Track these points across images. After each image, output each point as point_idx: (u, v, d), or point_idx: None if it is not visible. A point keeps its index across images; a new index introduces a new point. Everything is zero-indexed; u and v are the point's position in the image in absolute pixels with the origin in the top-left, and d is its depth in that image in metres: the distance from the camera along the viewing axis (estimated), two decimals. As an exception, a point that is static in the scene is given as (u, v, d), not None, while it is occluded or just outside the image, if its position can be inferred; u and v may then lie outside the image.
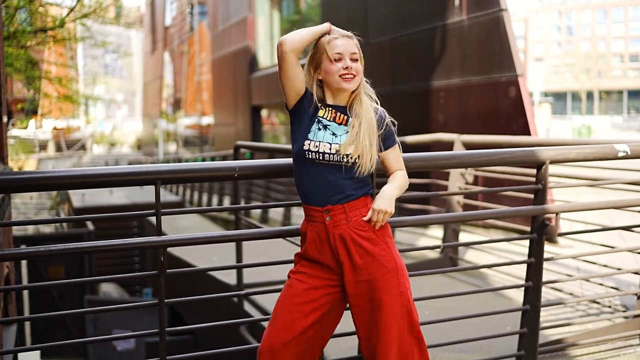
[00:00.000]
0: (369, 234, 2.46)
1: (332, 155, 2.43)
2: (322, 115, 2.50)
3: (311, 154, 2.45)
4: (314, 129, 2.47)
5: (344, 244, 2.44)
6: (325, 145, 2.44)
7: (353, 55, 2.48)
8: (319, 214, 2.47)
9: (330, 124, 2.49)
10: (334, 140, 2.45)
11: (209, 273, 6.18)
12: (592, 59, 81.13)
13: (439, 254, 6.42)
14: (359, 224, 2.46)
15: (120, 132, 66.02)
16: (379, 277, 2.44)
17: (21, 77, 19.42)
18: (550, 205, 3.58)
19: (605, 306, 4.86)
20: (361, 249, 2.44)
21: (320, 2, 16.26)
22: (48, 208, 24.49)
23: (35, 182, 2.72)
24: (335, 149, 2.43)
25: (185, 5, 39.42)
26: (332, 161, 2.43)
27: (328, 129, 2.47)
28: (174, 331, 3.11)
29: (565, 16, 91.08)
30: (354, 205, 2.46)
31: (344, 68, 2.46)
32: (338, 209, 2.45)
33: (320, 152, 2.44)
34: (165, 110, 46.49)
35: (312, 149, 2.45)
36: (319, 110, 2.52)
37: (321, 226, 2.47)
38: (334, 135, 2.46)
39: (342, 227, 2.45)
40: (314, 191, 2.47)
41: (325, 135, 2.46)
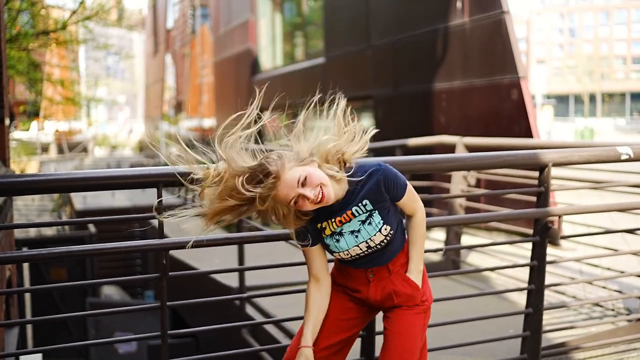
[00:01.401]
0: (410, 281, 2.45)
1: (365, 252, 2.37)
2: (329, 231, 2.35)
3: (346, 260, 2.40)
4: (332, 243, 2.37)
5: (384, 295, 2.45)
6: (354, 249, 2.35)
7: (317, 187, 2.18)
8: (361, 275, 2.44)
9: (342, 228, 2.34)
10: (357, 240, 2.34)
11: (210, 276, 6.17)
12: (595, 61, 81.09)
13: (441, 257, 6.41)
14: (400, 274, 2.45)
15: (133, 135, 65.96)
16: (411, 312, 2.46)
17: (23, 80, 19.44)
18: (552, 207, 3.57)
19: (609, 309, 4.85)
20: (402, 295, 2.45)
21: (322, 4, 16.26)
22: (50, 210, 24.50)
23: (37, 184, 2.72)
24: (364, 247, 2.35)
25: (187, 7, 39.47)
26: (368, 252, 2.37)
27: (344, 234, 2.34)
28: (176, 334, 3.11)
29: (567, 18, 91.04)
30: (396, 259, 2.44)
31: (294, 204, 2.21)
32: (382, 269, 2.43)
33: (353, 256, 2.37)
34: (167, 113, 46.53)
35: (345, 257, 2.38)
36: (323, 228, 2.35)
37: (363, 282, 2.44)
38: (354, 235, 2.34)
39: (385, 281, 2.43)
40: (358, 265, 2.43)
41: (347, 241, 2.35)
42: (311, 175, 2.17)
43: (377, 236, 2.33)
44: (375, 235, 2.33)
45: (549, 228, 3.50)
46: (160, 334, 2.90)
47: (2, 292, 3.51)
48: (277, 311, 4.82)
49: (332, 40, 14.95)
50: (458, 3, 9.69)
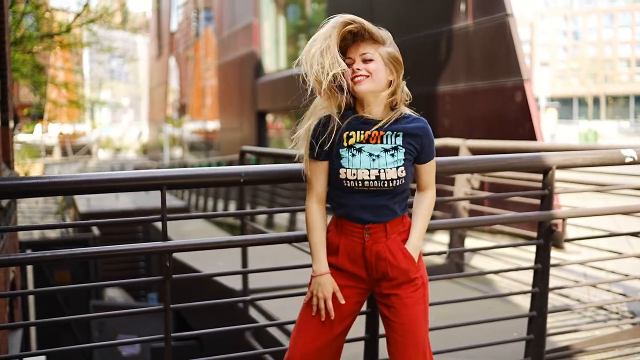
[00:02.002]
0: (406, 252, 2.43)
1: (372, 182, 2.33)
2: (353, 141, 2.35)
3: (349, 182, 2.35)
4: (347, 156, 2.35)
5: (380, 260, 2.41)
6: (363, 172, 2.32)
7: (363, 55, 2.35)
8: (357, 230, 2.40)
9: (364, 146, 2.35)
10: (371, 165, 2.32)
11: (214, 278, 6.17)
12: (599, 64, 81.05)
13: (444, 260, 6.40)
14: (396, 241, 2.42)
15: (143, 137, 66.08)
16: (410, 293, 2.43)
17: (28, 83, 19.51)
18: (556, 210, 3.56)
19: (613, 312, 4.84)
20: (396, 264, 2.41)
21: (326, 7, 16.29)
22: (54, 213, 24.55)
23: (41, 187, 2.72)
24: (374, 175, 2.32)
25: (191, 10, 39.56)
26: (372, 187, 2.34)
27: (363, 152, 2.34)
28: (180, 336, 3.11)
29: (571, 21, 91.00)
30: (394, 222, 2.41)
31: (354, 70, 2.33)
32: (379, 227, 2.39)
33: (359, 180, 2.33)
34: (171, 115, 46.61)
35: (350, 178, 2.34)
36: (350, 135, 2.36)
37: (358, 241, 2.40)
38: (371, 157, 2.33)
39: (381, 245, 2.40)
40: (355, 212, 2.39)
41: (361, 161, 2.33)
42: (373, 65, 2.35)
43: (391, 171, 2.32)
44: (390, 170, 2.32)
45: (552, 231, 3.49)
46: (164, 336, 2.90)
47: (6, 295, 3.52)
48: (281, 314, 4.82)
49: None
50: (462, 6, 9.70)
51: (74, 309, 10.48)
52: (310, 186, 2.45)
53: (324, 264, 2.43)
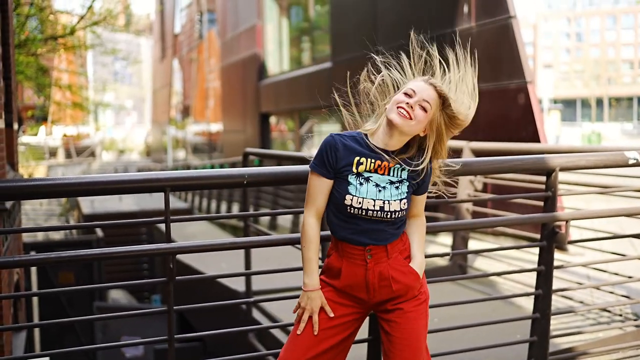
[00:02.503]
0: (407, 268, 2.44)
1: (375, 212, 2.35)
2: (363, 168, 2.36)
3: (353, 210, 2.36)
4: (355, 183, 2.35)
5: (383, 280, 2.41)
6: (369, 201, 2.34)
7: (424, 102, 2.34)
8: (359, 252, 2.40)
9: (372, 175, 2.36)
10: (377, 195, 2.34)
11: (217, 280, 6.18)
12: (602, 66, 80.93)
13: (448, 262, 6.39)
14: (398, 260, 2.43)
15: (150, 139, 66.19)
16: (413, 308, 2.44)
17: (31, 85, 19.57)
18: (560, 212, 3.56)
19: (616, 314, 4.83)
20: (398, 283, 2.42)
21: (329, 9, 16.30)
22: (58, 215, 24.61)
23: (45, 189, 2.73)
24: (379, 206, 2.34)
25: (195, 12, 39.61)
26: (375, 217, 2.36)
27: (370, 181, 2.36)
28: (183, 338, 3.11)
29: (574, 22, 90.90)
30: (394, 242, 2.43)
31: (406, 103, 2.32)
32: (380, 249, 2.40)
33: (363, 209, 2.34)
34: (175, 117, 46.66)
35: (355, 205, 2.35)
36: (360, 162, 2.37)
37: (360, 264, 2.40)
38: (377, 188, 2.35)
39: (383, 265, 2.40)
40: (355, 236, 2.40)
41: (368, 190, 2.35)
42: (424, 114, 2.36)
43: (395, 203, 2.35)
44: (394, 202, 2.35)
45: (556, 233, 3.49)
46: (167, 338, 2.91)
47: (10, 296, 3.53)
48: (284, 316, 4.82)
49: (339, 45, 14.97)
50: (465, 8, 9.70)
51: (78, 310, 10.50)
52: (311, 200, 2.44)
53: (315, 279, 2.45)
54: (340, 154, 2.37)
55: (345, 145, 2.38)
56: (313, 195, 2.43)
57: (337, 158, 2.37)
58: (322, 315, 2.45)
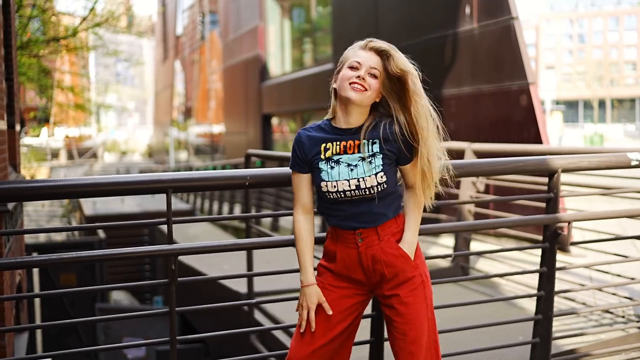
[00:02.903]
0: (397, 250, 2.42)
1: (352, 192, 2.34)
2: (330, 153, 2.38)
3: (331, 195, 2.37)
4: (326, 169, 2.37)
5: (376, 263, 2.41)
6: (342, 183, 2.34)
7: (372, 69, 2.34)
8: (350, 236, 2.41)
9: (342, 157, 2.36)
10: (350, 175, 2.34)
11: (219, 281, 6.18)
12: (604, 67, 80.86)
13: (450, 263, 6.39)
14: (390, 242, 2.42)
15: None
16: (410, 291, 2.44)
17: (34, 86, 19.60)
18: (562, 214, 3.56)
19: (619, 316, 4.82)
20: (393, 267, 2.42)
21: (331, 11, 16.30)
22: (60, 216, 24.62)
23: (48, 190, 2.73)
24: (354, 184, 2.33)
25: (197, 14, 39.66)
26: (355, 196, 2.35)
27: (341, 163, 2.36)
28: (185, 339, 3.11)
29: (576, 24, 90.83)
30: (385, 225, 2.41)
31: (356, 77, 2.32)
32: (370, 231, 2.40)
33: (340, 191, 2.35)
34: (177, 119, 46.69)
35: (331, 190, 2.36)
36: (327, 147, 2.39)
37: (353, 247, 2.42)
38: (349, 167, 2.35)
39: (375, 248, 2.40)
40: (344, 221, 2.41)
41: (340, 172, 2.35)
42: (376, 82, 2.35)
43: (370, 178, 2.33)
44: (369, 177, 2.33)
45: (558, 234, 3.49)
46: (169, 339, 2.91)
47: (12, 297, 3.53)
48: (286, 317, 4.82)
49: (341, 47, 14.93)
50: (467, 9, 9.70)
51: (80, 311, 10.50)
52: (295, 197, 2.49)
53: (310, 274, 2.46)
54: (306, 146, 2.41)
55: (309, 136, 2.42)
56: (296, 192, 2.48)
57: (304, 151, 2.41)
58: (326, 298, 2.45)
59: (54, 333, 10.29)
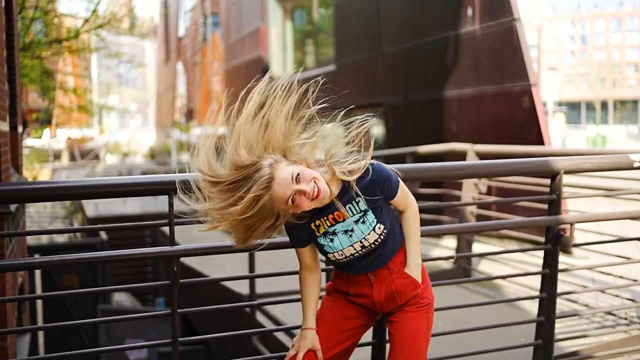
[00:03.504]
0: (410, 278, 2.44)
1: (359, 252, 2.35)
2: (323, 229, 2.34)
3: (341, 260, 2.38)
4: (326, 243, 2.36)
5: (388, 295, 2.43)
6: (349, 249, 2.34)
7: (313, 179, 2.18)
8: (363, 278, 2.43)
9: (336, 227, 2.33)
10: (351, 240, 2.33)
11: (221, 283, 6.18)
12: (607, 68, 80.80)
13: (452, 265, 6.39)
14: (400, 272, 2.44)
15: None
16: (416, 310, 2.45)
17: (36, 88, 19.62)
18: (564, 215, 3.55)
19: (621, 318, 4.81)
20: (404, 294, 2.44)
21: (333, 12, 16.31)
22: (62, 217, 24.63)
23: (50, 192, 2.73)
24: (358, 247, 2.34)
25: (199, 15, 39.70)
26: (362, 253, 2.36)
27: (337, 234, 2.34)
28: (187, 341, 3.11)
29: (578, 25, 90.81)
30: (395, 259, 2.43)
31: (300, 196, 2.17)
32: (383, 270, 2.42)
33: (347, 256, 2.36)
34: (179, 120, 46.72)
35: (339, 258, 2.37)
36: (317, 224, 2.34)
37: (366, 284, 2.44)
38: (347, 234, 2.34)
39: (387, 281, 2.43)
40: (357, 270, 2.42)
41: (342, 241, 2.34)
42: (304, 171, 2.18)
43: (371, 235, 2.32)
44: (370, 235, 2.32)
45: (560, 236, 3.48)
46: (171, 341, 2.91)
47: (15, 299, 3.53)
48: (288, 319, 4.82)
49: (343, 48, 14.98)
50: (469, 10, 9.69)
51: (82, 313, 10.51)
52: (299, 259, 2.50)
53: (311, 320, 2.47)
54: (297, 233, 2.38)
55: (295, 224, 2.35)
56: (298, 257, 2.49)
57: (298, 236, 2.40)
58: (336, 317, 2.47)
59: (56, 334, 10.31)
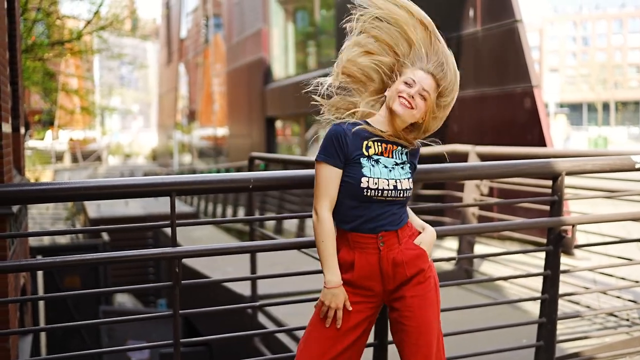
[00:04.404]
0: (418, 250, 2.47)
1: (390, 191, 2.40)
2: (372, 152, 2.43)
3: (370, 192, 2.39)
4: (368, 165, 2.41)
5: (397, 266, 2.43)
6: (383, 181, 2.39)
7: (423, 92, 2.41)
8: (371, 241, 2.43)
9: (380, 158, 2.43)
10: (389, 175, 2.41)
11: (223, 284, 6.18)
12: (608, 70, 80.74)
13: (454, 266, 6.38)
14: (409, 245, 2.46)
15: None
16: (424, 293, 2.46)
17: (38, 89, 19.62)
18: (566, 217, 3.55)
19: (623, 319, 4.81)
20: (414, 265, 2.45)
21: (334, 14, 16.32)
22: (64, 219, 24.65)
23: (52, 193, 2.74)
24: (392, 185, 2.40)
25: (201, 17, 39.74)
26: (389, 197, 2.40)
27: (380, 163, 2.42)
28: (189, 342, 3.11)
29: (580, 26, 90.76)
30: (404, 228, 2.47)
31: (407, 93, 2.40)
32: (391, 235, 2.43)
33: (380, 189, 2.39)
34: (181, 122, 46.76)
35: (372, 187, 2.38)
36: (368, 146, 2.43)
37: (373, 252, 2.43)
38: (387, 169, 2.42)
39: (395, 251, 2.43)
40: (369, 222, 2.42)
41: (381, 171, 2.41)
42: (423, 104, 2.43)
43: (405, 181, 2.43)
44: (404, 180, 2.43)
45: (562, 237, 3.48)
46: (173, 342, 2.91)
47: (17, 300, 3.54)
48: (290, 320, 4.82)
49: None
50: (470, 12, 9.70)
51: (84, 314, 10.52)
52: (324, 193, 2.43)
53: (337, 274, 2.43)
54: (350, 140, 2.41)
55: (352, 132, 2.43)
56: (325, 187, 2.44)
57: (347, 144, 2.41)
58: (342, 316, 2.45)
59: (58, 335, 10.31)
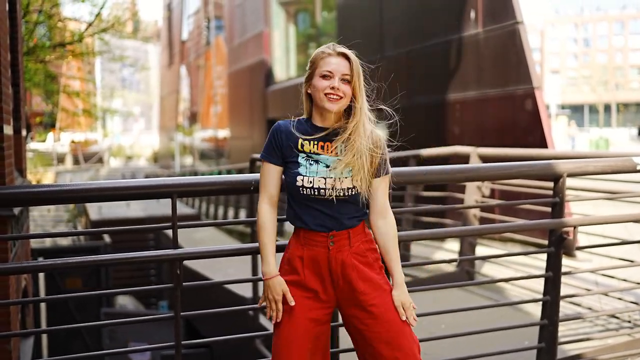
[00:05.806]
0: (368, 259, 2.42)
1: (327, 190, 2.34)
2: (309, 150, 2.39)
3: (305, 190, 2.36)
4: (305, 164, 2.37)
5: (345, 270, 2.39)
6: (319, 180, 2.35)
7: (344, 76, 2.38)
8: (321, 239, 2.39)
9: (321, 156, 2.38)
10: (328, 174, 2.35)
11: (224, 286, 6.19)
12: (609, 71, 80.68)
13: (455, 268, 6.38)
14: (360, 249, 2.41)
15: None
16: (380, 301, 2.41)
17: (40, 91, 19.64)
18: (567, 218, 3.55)
19: (625, 321, 4.80)
20: (362, 274, 2.40)
21: (336, 16, 16.33)
22: (65, 221, 24.67)
23: (53, 195, 2.74)
24: (330, 184, 2.34)
25: (202, 19, 39.78)
26: (328, 196, 2.34)
27: (320, 163, 2.37)
28: (190, 344, 3.11)
29: (581, 28, 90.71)
30: (356, 230, 2.41)
31: (330, 87, 2.36)
32: (342, 235, 2.39)
33: (315, 188, 2.35)
34: (182, 124, 46.79)
35: (307, 185, 2.35)
36: (305, 145, 2.40)
37: (322, 251, 2.39)
38: (328, 168, 2.36)
39: (345, 253, 2.39)
40: (316, 220, 2.39)
41: (318, 170, 2.36)
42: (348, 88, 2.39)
43: (346, 180, 2.35)
44: (346, 179, 2.35)
45: (564, 239, 3.48)
46: (174, 344, 2.91)
47: (18, 302, 3.54)
48: (291, 322, 4.81)
49: (346, 51, 14.92)
50: (472, 13, 9.70)
51: (85, 316, 10.51)
52: (262, 188, 2.48)
53: (273, 265, 2.43)
54: (283, 137, 2.43)
55: (288, 129, 2.43)
56: (264, 182, 2.47)
57: (282, 141, 2.42)
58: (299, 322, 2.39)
59: (59, 337, 10.31)
